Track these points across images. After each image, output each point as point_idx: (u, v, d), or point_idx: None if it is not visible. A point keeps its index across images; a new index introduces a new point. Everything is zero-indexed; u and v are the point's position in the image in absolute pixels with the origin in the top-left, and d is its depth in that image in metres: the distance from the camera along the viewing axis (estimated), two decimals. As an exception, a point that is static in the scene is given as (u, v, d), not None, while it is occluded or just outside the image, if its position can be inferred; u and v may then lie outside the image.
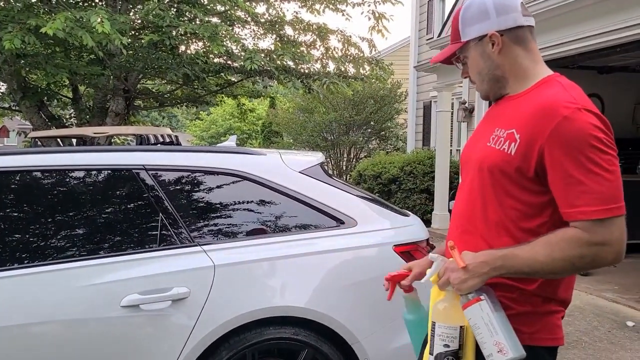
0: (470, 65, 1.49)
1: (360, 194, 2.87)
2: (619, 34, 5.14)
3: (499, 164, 1.36)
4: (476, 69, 1.48)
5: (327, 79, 7.65)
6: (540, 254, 1.28)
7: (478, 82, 1.50)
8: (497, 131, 1.41)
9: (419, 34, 12.21)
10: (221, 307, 2.27)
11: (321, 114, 13.54)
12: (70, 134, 3.78)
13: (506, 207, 1.37)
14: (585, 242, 1.26)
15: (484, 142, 1.44)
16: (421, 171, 9.92)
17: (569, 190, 1.28)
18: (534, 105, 1.35)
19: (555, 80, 1.40)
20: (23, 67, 7.18)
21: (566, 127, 1.27)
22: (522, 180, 1.34)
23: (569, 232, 1.28)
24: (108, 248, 2.34)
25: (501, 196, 1.37)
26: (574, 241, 1.27)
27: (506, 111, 1.44)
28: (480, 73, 1.48)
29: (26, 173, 2.38)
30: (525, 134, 1.33)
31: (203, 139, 24.59)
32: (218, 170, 2.53)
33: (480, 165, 1.42)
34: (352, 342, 2.37)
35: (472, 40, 1.46)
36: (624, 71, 7.41)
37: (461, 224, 1.47)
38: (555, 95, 1.33)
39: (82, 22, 5.56)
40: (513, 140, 1.35)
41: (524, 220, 1.36)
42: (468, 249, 1.39)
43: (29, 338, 2.16)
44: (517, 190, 1.35)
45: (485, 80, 1.48)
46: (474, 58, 1.47)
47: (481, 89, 1.51)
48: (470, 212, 1.44)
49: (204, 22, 6.85)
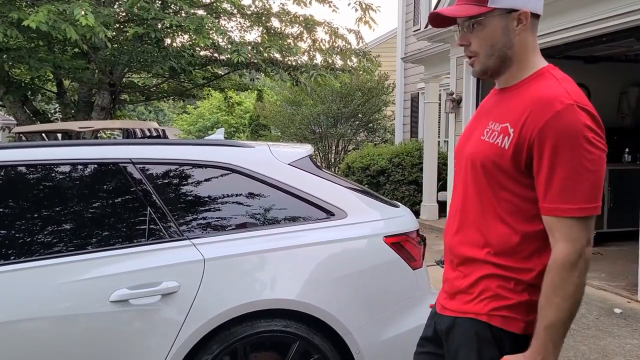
0: (483, 35, 1.38)
1: (349, 185, 2.86)
2: (605, 23, 5.17)
3: (493, 157, 1.37)
4: (490, 41, 1.37)
5: (315, 71, 7.62)
6: (555, 306, 1.28)
7: (484, 56, 1.40)
8: (491, 125, 1.40)
9: (406, 26, 12.19)
10: (211, 301, 2.26)
11: (309, 106, 13.49)
12: (55, 129, 3.72)
13: (501, 200, 1.38)
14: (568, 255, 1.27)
15: (477, 135, 1.44)
16: (409, 163, 9.94)
17: (551, 186, 1.29)
18: (527, 98, 1.35)
19: (548, 73, 1.39)
20: (6, 61, 7.06)
21: (557, 122, 1.28)
22: (516, 173, 1.35)
23: (554, 267, 1.29)
24: (96, 243, 2.31)
25: (496, 189, 1.38)
26: (562, 267, 1.28)
27: (500, 104, 1.43)
28: (493, 47, 1.38)
29: (11, 168, 2.34)
30: (518, 127, 1.33)
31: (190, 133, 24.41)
32: (207, 163, 2.50)
33: (473, 159, 1.42)
34: (344, 334, 2.37)
35: (499, 9, 1.35)
36: (609, 61, 7.47)
37: (459, 218, 1.48)
38: (549, 89, 1.33)
39: (66, 15, 5.48)
40: (507, 134, 1.35)
41: (520, 213, 1.37)
42: (466, 243, 1.42)
43: (17, 335, 2.12)
44: (512, 183, 1.36)
45: (494, 55, 1.39)
46: (494, 29, 1.37)
47: (484, 64, 1.41)
48: (466, 206, 1.45)
49: (190, 15, 6.78)
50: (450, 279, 1.50)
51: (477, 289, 1.41)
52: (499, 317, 1.38)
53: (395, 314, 2.51)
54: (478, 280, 1.41)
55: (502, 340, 1.37)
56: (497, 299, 1.38)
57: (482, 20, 1.37)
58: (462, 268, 1.46)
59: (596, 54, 7.07)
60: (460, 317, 1.44)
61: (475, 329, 1.40)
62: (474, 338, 1.40)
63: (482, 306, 1.40)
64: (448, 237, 1.53)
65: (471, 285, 1.43)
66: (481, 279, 1.41)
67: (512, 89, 1.43)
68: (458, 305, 1.45)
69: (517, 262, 1.38)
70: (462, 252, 1.46)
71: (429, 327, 1.60)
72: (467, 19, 1.39)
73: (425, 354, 1.59)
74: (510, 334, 1.37)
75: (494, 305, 1.38)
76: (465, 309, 1.43)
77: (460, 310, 1.44)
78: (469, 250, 1.44)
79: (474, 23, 1.38)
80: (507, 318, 1.37)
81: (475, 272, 1.42)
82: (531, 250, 1.38)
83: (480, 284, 1.41)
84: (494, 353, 1.37)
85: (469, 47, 1.42)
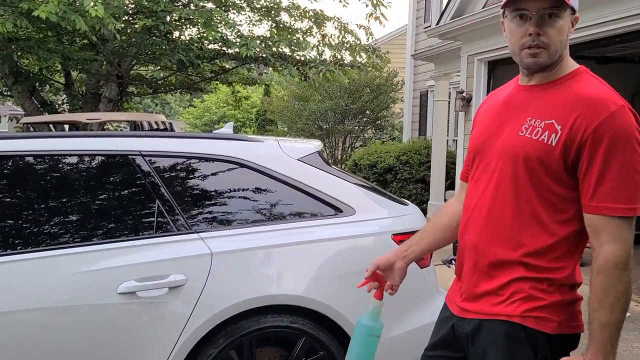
0: (558, 28, 1.37)
1: (358, 182, 2.84)
2: (619, 23, 5.11)
3: (538, 154, 1.35)
4: (560, 36, 1.37)
5: (324, 66, 7.58)
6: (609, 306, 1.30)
7: (554, 50, 1.38)
8: (530, 121, 1.39)
9: (417, 22, 12.12)
10: (218, 295, 2.25)
11: (316, 102, 13.46)
12: (62, 120, 3.71)
13: (541, 198, 1.37)
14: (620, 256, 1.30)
15: (512, 130, 1.41)
16: (417, 161, 9.90)
17: (602, 184, 1.30)
18: (574, 96, 1.35)
19: (586, 73, 1.42)
20: (15, 51, 7.08)
21: (613, 123, 1.30)
22: (560, 172, 1.35)
23: (605, 268, 1.30)
24: (104, 235, 2.30)
25: (537, 187, 1.37)
26: (615, 267, 1.30)
27: (537, 101, 1.41)
28: (562, 42, 1.38)
29: (19, 158, 2.33)
30: (567, 125, 1.33)
31: (196, 127, 24.45)
32: (215, 157, 2.49)
33: (514, 154, 1.39)
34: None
35: (571, 8, 1.38)
36: (622, 61, 7.41)
37: (484, 215, 1.44)
38: (598, 89, 1.35)
39: (75, 6, 5.48)
40: (553, 131, 1.34)
41: (557, 212, 1.37)
42: (495, 243, 1.40)
43: (25, 325, 2.12)
44: (553, 182, 1.36)
45: (559, 51, 1.39)
46: (565, 25, 1.38)
47: (551, 56, 1.38)
48: (496, 204, 1.42)
49: (199, 8, 6.76)
50: (472, 280, 1.46)
51: (508, 290, 1.39)
52: (533, 318, 1.37)
53: (402, 312, 2.49)
54: (509, 282, 1.40)
55: (536, 340, 1.37)
56: (530, 300, 1.37)
57: (561, 13, 1.37)
58: (489, 269, 1.43)
59: (609, 54, 7.00)
60: (488, 319, 1.41)
61: (505, 330, 1.38)
62: (505, 339, 1.38)
63: (514, 308, 1.38)
64: (470, 235, 1.48)
65: (501, 286, 1.40)
66: (513, 280, 1.39)
67: (549, 85, 1.42)
68: (485, 307, 1.43)
69: (549, 263, 1.37)
70: (492, 253, 1.42)
71: (440, 331, 1.57)
72: (552, 7, 1.36)
73: (438, 357, 1.56)
74: (543, 334, 1.37)
75: (527, 307, 1.37)
76: (494, 311, 1.41)
77: (488, 312, 1.42)
78: (500, 251, 1.41)
79: (555, 13, 1.36)
80: (540, 319, 1.37)
81: (506, 273, 1.40)
82: (564, 250, 1.38)
83: (511, 285, 1.39)
84: (528, 354, 1.37)
85: (541, 37, 1.37)
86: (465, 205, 1.53)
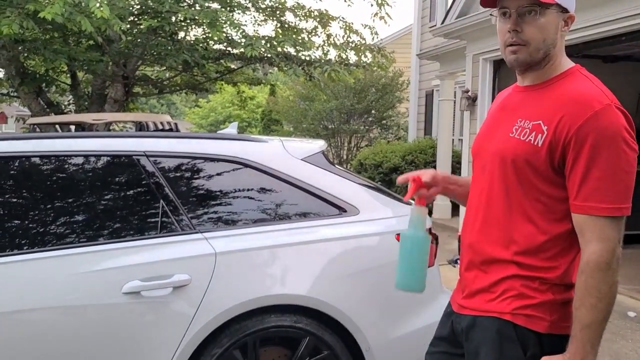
0: (539, 26, 1.35)
1: (362, 182, 2.84)
2: (625, 22, 5.08)
3: (525, 155, 1.35)
4: (543, 35, 1.36)
5: (329, 66, 7.58)
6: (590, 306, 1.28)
7: (534, 48, 1.37)
8: (520, 122, 1.39)
9: (422, 22, 12.09)
10: (222, 295, 2.25)
11: (322, 102, 13.45)
12: (68, 121, 3.73)
13: (531, 198, 1.37)
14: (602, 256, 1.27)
15: (503, 132, 1.42)
16: (423, 160, 9.87)
17: (586, 184, 1.29)
18: (561, 96, 1.35)
19: (578, 73, 1.40)
20: (21, 52, 7.12)
21: (596, 122, 1.28)
22: (548, 172, 1.35)
23: (587, 268, 1.28)
24: (109, 235, 2.31)
25: (526, 187, 1.37)
26: (597, 267, 1.28)
27: (528, 102, 1.41)
28: (545, 41, 1.36)
29: (25, 159, 2.35)
30: (552, 125, 1.33)
31: (202, 127, 24.49)
32: (219, 157, 2.50)
33: (503, 156, 1.40)
34: (354, 331, 2.36)
35: (559, 6, 1.36)
36: (628, 60, 7.35)
37: (482, 217, 1.46)
38: (585, 89, 1.34)
39: (81, 7, 5.50)
40: (540, 131, 1.34)
41: (549, 211, 1.37)
42: (490, 241, 1.41)
43: (29, 325, 2.13)
44: (542, 182, 1.36)
45: (542, 50, 1.37)
46: (549, 23, 1.36)
47: (531, 55, 1.38)
48: (491, 204, 1.43)
49: (204, 8, 6.78)
50: (470, 278, 1.48)
51: (500, 287, 1.40)
52: (523, 316, 1.37)
53: (405, 312, 2.49)
54: (501, 279, 1.40)
55: (526, 339, 1.37)
56: (521, 297, 1.37)
57: (544, 11, 1.35)
58: (484, 267, 1.44)
59: (615, 53, 6.96)
60: (481, 315, 1.42)
61: (497, 328, 1.39)
62: (496, 336, 1.39)
63: (505, 305, 1.39)
64: (468, 235, 1.50)
65: (494, 284, 1.41)
66: (505, 278, 1.40)
67: (541, 86, 1.41)
68: (479, 303, 1.44)
69: (542, 262, 1.37)
70: (485, 251, 1.44)
71: (443, 326, 1.58)
72: (531, 4, 1.35)
73: (440, 353, 1.57)
74: (534, 333, 1.37)
75: (518, 304, 1.37)
76: (487, 308, 1.41)
77: (481, 308, 1.43)
78: (493, 249, 1.42)
79: (534, 11, 1.35)
80: (531, 317, 1.37)
81: (498, 271, 1.41)
82: (557, 250, 1.37)
83: (503, 283, 1.40)
84: (517, 352, 1.37)
85: (520, 34, 1.37)
86: (467, 206, 1.55)
